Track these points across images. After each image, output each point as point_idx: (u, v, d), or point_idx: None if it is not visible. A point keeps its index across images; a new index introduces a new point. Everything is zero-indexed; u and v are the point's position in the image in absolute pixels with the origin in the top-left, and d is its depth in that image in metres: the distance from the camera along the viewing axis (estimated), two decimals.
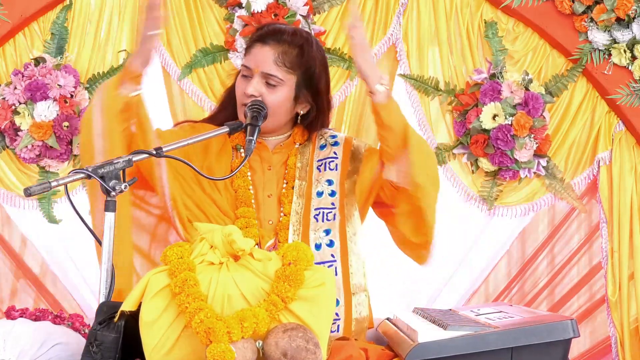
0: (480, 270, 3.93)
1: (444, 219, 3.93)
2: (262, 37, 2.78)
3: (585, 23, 3.82)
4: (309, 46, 2.80)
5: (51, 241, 3.85)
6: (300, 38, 2.79)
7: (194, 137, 2.78)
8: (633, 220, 3.87)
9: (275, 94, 2.75)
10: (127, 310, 2.09)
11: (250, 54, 2.79)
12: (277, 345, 2.02)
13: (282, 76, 2.75)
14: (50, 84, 3.73)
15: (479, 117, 3.79)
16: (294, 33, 2.80)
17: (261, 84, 2.74)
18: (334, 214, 2.78)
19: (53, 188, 2.36)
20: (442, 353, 2.25)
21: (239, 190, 2.76)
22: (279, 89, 2.75)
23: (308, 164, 2.83)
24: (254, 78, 2.75)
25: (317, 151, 2.87)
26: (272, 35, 2.77)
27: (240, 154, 2.83)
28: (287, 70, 2.75)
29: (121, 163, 2.42)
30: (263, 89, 2.74)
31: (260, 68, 2.74)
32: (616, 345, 3.86)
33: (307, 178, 2.81)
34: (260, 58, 2.75)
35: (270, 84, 2.74)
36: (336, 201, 2.80)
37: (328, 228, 2.76)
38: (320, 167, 2.84)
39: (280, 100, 2.77)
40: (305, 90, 2.80)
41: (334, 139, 2.93)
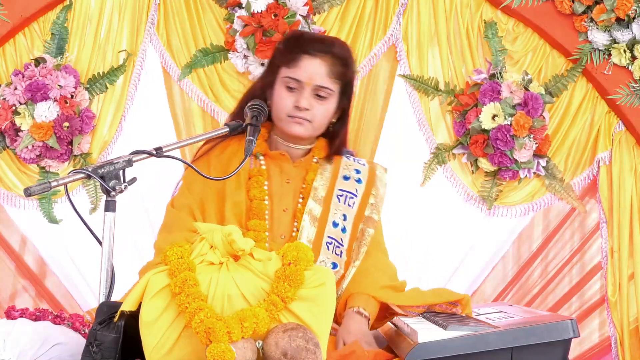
0: (480, 270, 3.93)
1: (444, 219, 3.95)
2: (309, 49, 2.72)
3: (585, 23, 3.82)
4: (351, 57, 2.79)
5: (51, 241, 3.85)
6: (344, 50, 2.78)
7: (194, 137, 2.78)
8: (633, 220, 3.87)
9: (325, 106, 2.73)
10: (127, 310, 2.09)
11: (298, 67, 2.71)
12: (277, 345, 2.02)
13: (333, 88, 2.73)
14: (51, 85, 3.73)
15: (478, 117, 3.79)
16: (338, 44, 2.79)
17: (312, 97, 2.71)
18: (341, 251, 2.73)
19: (53, 188, 2.36)
20: (442, 353, 2.25)
21: (254, 201, 2.70)
22: (329, 100, 2.73)
23: (328, 188, 2.77)
24: (305, 90, 2.70)
25: (340, 180, 2.81)
26: (319, 46, 2.73)
27: (259, 162, 2.77)
28: (336, 82, 2.73)
29: (121, 163, 2.41)
30: (313, 102, 2.71)
31: (314, 81, 2.70)
32: (616, 345, 3.87)
33: (325, 203, 2.75)
34: (312, 71, 2.70)
35: (321, 95, 2.72)
36: (345, 239, 2.74)
37: (335, 262, 2.71)
38: (341, 197, 2.79)
39: (329, 112, 2.75)
40: (344, 96, 2.79)
41: (358, 174, 2.85)
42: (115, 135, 3.86)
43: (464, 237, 3.93)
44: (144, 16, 3.86)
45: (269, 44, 3.76)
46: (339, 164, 2.84)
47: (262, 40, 3.76)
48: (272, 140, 2.80)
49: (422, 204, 3.92)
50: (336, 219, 2.74)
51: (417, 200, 3.92)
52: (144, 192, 3.74)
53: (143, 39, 3.87)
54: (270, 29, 3.75)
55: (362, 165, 2.88)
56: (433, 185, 3.92)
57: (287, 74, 2.72)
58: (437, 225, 3.94)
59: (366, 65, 3.90)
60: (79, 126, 3.74)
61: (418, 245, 3.88)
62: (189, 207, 2.70)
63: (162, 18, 3.88)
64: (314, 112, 2.71)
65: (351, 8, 3.90)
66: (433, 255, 3.92)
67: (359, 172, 2.85)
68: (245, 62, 3.83)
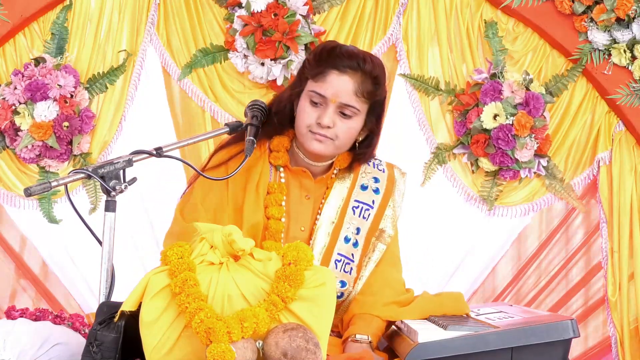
0: (480, 270, 3.93)
1: (444, 219, 3.95)
2: (337, 64, 2.57)
3: (585, 23, 3.82)
4: (383, 75, 2.64)
5: (51, 241, 3.85)
6: (376, 67, 2.61)
7: (194, 137, 2.78)
8: (633, 220, 3.87)
9: (349, 124, 2.59)
10: (127, 310, 2.09)
11: (325, 82, 2.56)
12: (277, 345, 2.02)
13: (359, 107, 2.58)
14: (50, 84, 3.73)
15: (479, 117, 3.79)
16: (370, 60, 2.61)
17: (336, 115, 2.57)
18: (351, 268, 2.65)
19: (53, 188, 2.36)
20: (442, 353, 2.24)
21: (271, 220, 2.60)
22: (354, 119, 2.59)
23: (345, 199, 2.69)
24: (329, 107, 2.56)
25: (357, 190, 2.71)
26: (349, 62, 2.57)
27: (279, 173, 2.67)
28: (364, 101, 2.59)
29: (121, 163, 2.41)
30: (337, 119, 2.57)
31: (339, 99, 2.56)
32: (616, 345, 3.87)
33: (340, 215, 2.67)
34: (338, 88, 2.56)
35: (346, 114, 2.57)
36: (357, 254, 2.66)
37: (343, 280, 2.65)
38: (356, 209, 2.70)
39: (353, 131, 2.61)
40: (372, 118, 2.65)
41: (377, 183, 2.76)
42: (115, 135, 3.86)
43: (464, 237, 3.93)
44: (144, 16, 3.86)
45: (269, 43, 3.76)
46: (358, 172, 2.73)
47: (262, 40, 3.76)
48: (293, 152, 2.68)
49: (422, 204, 3.92)
50: (348, 233, 2.66)
51: (417, 200, 3.92)
52: (144, 192, 3.74)
53: (143, 39, 3.87)
54: (270, 29, 3.75)
55: (382, 172, 2.78)
56: (433, 185, 3.92)
57: (312, 88, 2.58)
58: (437, 225, 3.94)
59: None
60: (78, 126, 3.74)
61: (418, 245, 3.88)
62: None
63: (162, 18, 3.88)
64: (336, 130, 2.58)
65: (351, 8, 3.90)
66: (433, 255, 3.92)
67: (377, 181, 2.75)
68: (245, 61, 3.83)
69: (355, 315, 2.61)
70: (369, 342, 2.53)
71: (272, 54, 3.76)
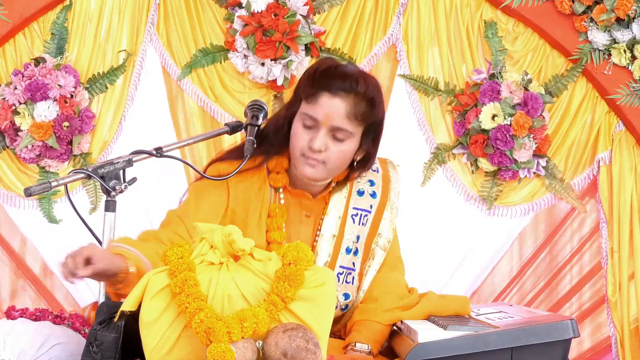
0: (480, 270, 3.93)
1: (444, 219, 3.95)
2: (330, 86, 2.49)
3: (585, 23, 3.82)
4: (380, 96, 2.56)
5: (51, 241, 3.85)
6: (371, 88, 2.52)
7: (194, 137, 2.78)
8: (633, 220, 3.87)
9: (341, 147, 2.52)
10: (127, 310, 2.09)
11: (316, 104, 2.49)
12: (277, 345, 2.02)
13: (352, 130, 2.51)
14: (50, 84, 3.73)
15: (478, 117, 3.79)
16: (364, 81, 2.52)
17: (328, 138, 2.50)
18: (353, 277, 2.63)
19: (53, 188, 2.36)
20: (442, 353, 2.24)
21: (272, 245, 2.56)
22: (347, 142, 2.52)
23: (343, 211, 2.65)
24: (321, 130, 2.50)
25: (354, 197, 2.67)
26: (341, 83, 2.49)
27: (279, 194, 2.62)
28: (358, 123, 2.51)
29: (121, 163, 2.42)
30: (330, 143, 2.51)
31: (330, 122, 2.49)
32: (616, 345, 3.87)
33: (340, 227, 2.63)
34: (330, 111, 2.48)
35: (338, 137, 2.51)
36: (357, 262, 2.64)
37: (347, 292, 2.63)
38: (355, 217, 2.66)
39: (346, 154, 2.55)
40: (369, 139, 2.59)
41: (372, 187, 2.70)
42: (115, 135, 3.86)
43: (464, 237, 3.93)
44: (144, 16, 3.86)
45: (269, 43, 3.76)
46: (353, 177, 2.68)
47: (262, 40, 3.76)
48: (292, 173, 2.62)
49: (422, 204, 3.92)
50: (350, 244, 2.63)
51: (417, 200, 3.92)
52: (144, 192, 3.74)
53: (143, 39, 3.87)
54: (270, 29, 3.75)
55: (376, 173, 2.73)
56: (433, 185, 3.92)
57: (305, 110, 2.52)
58: (437, 225, 3.94)
59: (366, 65, 3.90)
60: (78, 126, 3.74)
61: (418, 245, 3.88)
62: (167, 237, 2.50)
63: (162, 18, 3.88)
64: (329, 153, 2.51)
65: (351, 8, 3.90)
66: (433, 255, 3.92)
67: (373, 184, 2.70)
68: (245, 62, 3.83)
69: (357, 321, 2.59)
70: (369, 352, 2.52)
71: (272, 54, 3.76)
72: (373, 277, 2.65)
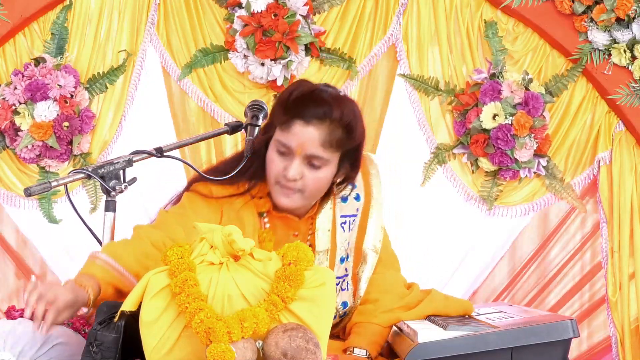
0: (480, 270, 3.93)
1: (444, 219, 3.95)
2: (303, 114, 2.40)
3: (585, 23, 3.82)
4: (356, 121, 2.45)
5: (51, 241, 3.85)
6: (347, 114, 2.42)
7: (194, 137, 2.78)
8: (633, 220, 3.88)
9: (317, 175, 2.43)
10: (127, 310, 2.09)
11: (290, 132, 2.40)
12: (277, 345, 2.02)
13: (328, 157, 2.42)
14: (50, 84, 3.73)
15: (479, 117, 3.80)
16: (338, 106, 2.41)
17: (303, 166, 2.42)
18: (347, 282, 2.58)
19: (53, 188, 2.36)
20: (442, 353, 2.24)
21: None
22: (323, 169, 2.43)
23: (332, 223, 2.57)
24: (295, 159, 2.41)
25: (338, 205, 2.58)
26: (315, 110, 2.39)
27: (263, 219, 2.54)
28: (334, 150, 2.42)
29: (121, 163, 2.42)
30: (305, 170, 2.43)
31: (305, 151, 2.40)
32: (616, 345, 3.87)
33: (331, 241, 2.55)
34: (303, 139, 2.39)
35: (314, 164, 2.42)
36: (349, 267, 2.58)
37: (345, 300, 2.58)
38: (344, 225, 2.58)
39: (323, 181, 2.46)
40: (347, 163, 2.49)
41: (355, 189, 2.61)
42: (115, 135, 3.86)
43: (464, 237, 3.93)
44: (144, 16, 3.87)
45: (269, 43, 3.76)
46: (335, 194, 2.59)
47: (262, 40, 3.76)
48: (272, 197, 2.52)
49: (422, 204, 3.92)
50: (343, 253, 2.57)
51: (417, 200, 3.92)
52: (144, 192, 3.74)
53: (143, 39, 3.87)
54: (270, 29, 3.75)
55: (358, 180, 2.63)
56: (433, 185, 3.92)
57: (278, 137, 2.43)
58: (437, 225, 3.94)
59: (366, 65, 3.90)
60: (78, 126, 3.74)
61: (418, 245, 3.88)
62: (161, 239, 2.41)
63: (162, 18, 3.88)
64: (305, 181, 2.43)
65: (351, 8, 3.90)
66: (433, 255, 3.92)
67: (355, 187, 2.62)
68: (245, 62, 3.83)
69: (355, 324, 2.55)
70: (367, 357, 2.50)
71: (272, 54, 3.76)
72: (369, 278, 2.59)
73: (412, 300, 2.57)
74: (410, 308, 2.55)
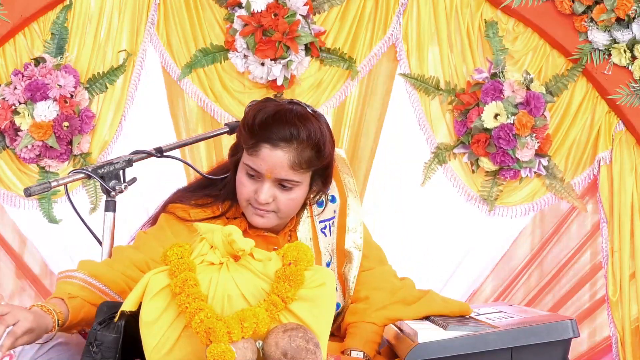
0: (480, 270, 3.93)
1: (444, 219, 3.95)
2: (269, 138, 2.34)
3: (585, 23, 3.82)
4: (324, 139, 2.39)
5: (51, 241, 3.85)
6: (314, 133, 2.37)
7: (194, 137, 2.78)
8: (634, 220, 3.88)
9: (290, 196, 2.40)
10: (127, 310, 2.09)
11: (258, 157, 2.35)
12: (277, 346, 2.02)
13: (299, 178, 2.38)
14: (50, 84, 3.73)
15: (480, 117, 3.79)
16: (304, 126, 2.36)
17: (274, 188, 2.38)
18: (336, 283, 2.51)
19: (53, 188, 2.36)
20: (442, 353, 2.24)
21: None
22: (295, 190, 2.40)
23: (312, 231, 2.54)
24: (265, 182, 2.37)
25: (315, 209, 2.54)
26: (281, 133, 2.34)
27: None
28: (304, 171, 2.38)
29: (121, 163, 2.42)
30: (277, 192, 2.39)
31: (274, 174, 2.35)
32: (617, 345, 3.87)
33: (315, 249, 2.51)
34: (272, 163, 2.34)
35: (285, 186, 2.38)
36: (334, 267, 2.54)
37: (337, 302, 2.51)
38: (325, 229, 2.53)
39: (297, 201, 2.43)
40: (319, 180, 2.46)
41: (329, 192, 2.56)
42: (115, 135, 3.86)
43: (464, 237, 3.93)
44: (144, 16, 3.87)
45: (269, 43, 3.76)
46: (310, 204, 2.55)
47: (262, 40, 3.76)
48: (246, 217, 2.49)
49: (422, 204, 3.92)
50: (327, 257, 2.54)
51: (417, 200, 3.92)
52: (144, 192, 3.74)
53: (143, 38, 3.87)
54: (270, 29, 3.75)
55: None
56: (433, 185, 3.92)
57: (247, 161, 2.39)
58: (437, 225, 3.94)
59: (366, 65, 3.90)
60: (78, 126, 3.74)
61: (418, 245, 3.88)
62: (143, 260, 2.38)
63: (162, 18, 3.88)
64: (277, 203, 2.40)
65: (351, 8, 3.90)
66: (433, 255, 3.92)
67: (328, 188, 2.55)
68: (245, 61, 3.83)
69: (350, 324, 2.52)
70: (365, 358, 2.46)
71: (272, 54, 3.76)
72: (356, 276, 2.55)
73: (406, 296, 2.54)
74: (406, 304, 2.52)
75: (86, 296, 2.26)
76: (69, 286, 2.27)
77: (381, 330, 2.51)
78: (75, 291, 2.26)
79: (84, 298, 2.25)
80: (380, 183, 3.91)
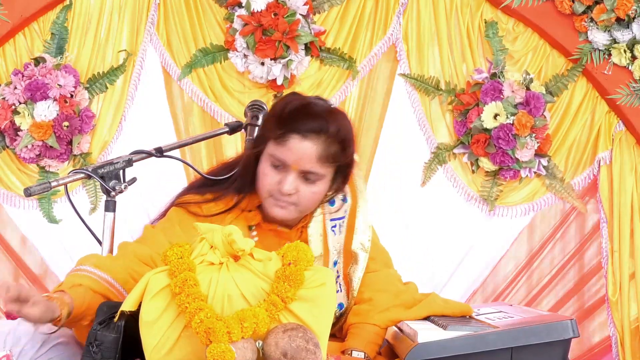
0: (480, 270, 3.93)
1: (444, 219, 3.95)
2: (299, 128, 2.37)
3: (585, 23, 3.82)
4: (351, 136, 2.43)
5: (51, 241, 3.85)
6: (343, 129, 2.40)
7: (194, 137, 2.78)
8: (634, 220, 3.88)
9: (313, 189, 2.43)
10: (127, 310, 2.09)
11: (285, 147, 2.37)
12: (277, 345, 2.02)
13: (324, 172, 2.41)
14: (50, 84, 3.73)
15: (480, 117, 3.80)
16: (336, 121, 2.39)
17: (298, 180, 2.40)
18: (339, 284, 2.54)
19: (53, 188, 2.36)
20: (442, 353, 2.24)
21: None
22: (318, 183, 2.43)
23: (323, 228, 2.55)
24: (291, 173, 2.39)
25: (327, 209, 2.56)
26: (312, 124, 2.37)
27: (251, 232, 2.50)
28: (329, 165, 2.41)
29: (121, 163, 2.42)
30: (300, 184, 2.41)
31: (301, 166, 2.38)
32: (616, 345, 3.87)
33: (324, 247, 2.54)
34: (300, 154, 2.37)
35: (309, 179, 2.41)
36: (340, 268, 2.55)
37: (340, 302, 2.54)
38: (334, 228, 2.56)
39: (318, 195, 2.46)
40: (340, 177, 2.49)
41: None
42: (115, 135, 3.86)
43: (464, 237, 3.93)
44: (144, 16, 3.87)
45: (269, 43, 3.76)
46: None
47: (262, 40, 3.76)
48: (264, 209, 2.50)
49: (422, 204, 3.92)
50: (335, 256, 2.55)
51: (417, 200, 3.92)
52: (144, 192, 3.74)
53: (143, 38, 3.87)
54: (270, 28, 3.75)
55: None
56: (433, 185, 3.92)
57: (273, 152, 2.41)
58: (437, 226, 3.94)
59: (366, 65, 3.90)
60: (78, 126, 3.74)
61: (418, 245, 3.88)
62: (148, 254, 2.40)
63: (162, 18, 3.88)
64: (300, 195, 2.42)
65: (351, 8, 3.90)
66: (433, 255, 3.92)
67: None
68: (245, 61, 3.83)
69: (352, 325, 2.53)
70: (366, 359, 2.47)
71: (272, 54, 3.76)
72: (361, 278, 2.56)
73: (409, 299, 2.55)
74: (407, 307, 2.53)
75: (90, 284, 2.25)
76: (72, 278, 2.27)
77: (383, 332, 2.52)
78: (78, 280, 2.25)
79: (88, 286, 2.24)
80: (380, 183, 3.91)
